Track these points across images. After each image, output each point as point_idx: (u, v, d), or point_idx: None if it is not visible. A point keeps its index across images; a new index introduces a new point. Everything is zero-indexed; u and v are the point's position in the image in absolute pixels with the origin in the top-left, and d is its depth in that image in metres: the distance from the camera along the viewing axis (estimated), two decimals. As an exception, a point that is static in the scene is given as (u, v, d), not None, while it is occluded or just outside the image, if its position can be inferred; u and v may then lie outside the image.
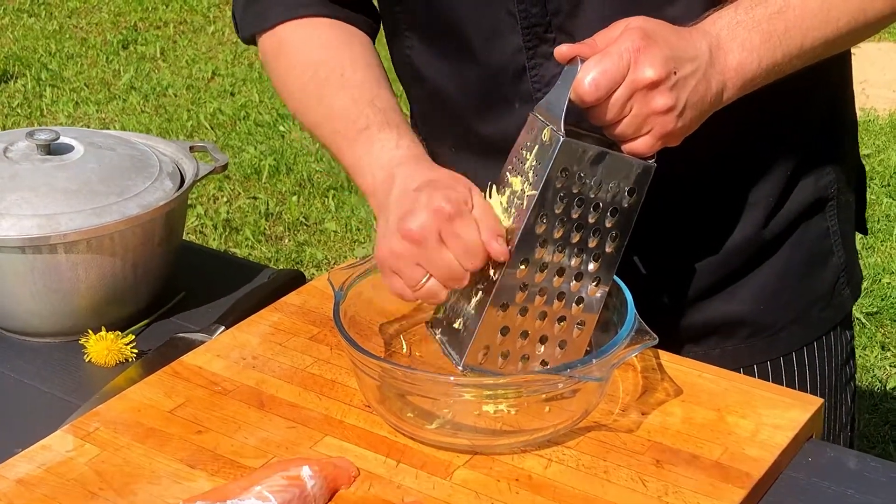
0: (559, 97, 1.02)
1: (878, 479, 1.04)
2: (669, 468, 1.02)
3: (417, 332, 1.21)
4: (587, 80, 0.99)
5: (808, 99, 1.24)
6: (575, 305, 1.06)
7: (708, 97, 1.04)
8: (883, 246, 3.52)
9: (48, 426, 1.12)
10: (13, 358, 1.32)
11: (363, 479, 1.02)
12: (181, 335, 1.31)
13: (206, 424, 1.10)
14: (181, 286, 1.43)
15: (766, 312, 1.29)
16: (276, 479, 0.98)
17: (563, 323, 1.07)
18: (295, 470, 0.99)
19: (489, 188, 1.07)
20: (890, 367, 3.00)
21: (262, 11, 1.27)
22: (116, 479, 1.03)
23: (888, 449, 2.72)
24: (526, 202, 1.02)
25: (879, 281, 3.34)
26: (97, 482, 1.03)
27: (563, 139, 1.00)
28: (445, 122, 1.29)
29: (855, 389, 1.41)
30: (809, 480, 1.04)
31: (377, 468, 1.04)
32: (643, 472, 1.02)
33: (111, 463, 1.05)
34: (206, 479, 1.03)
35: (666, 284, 1.27)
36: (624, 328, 1.04)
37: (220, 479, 1.03)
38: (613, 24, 1.03)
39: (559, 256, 1.04)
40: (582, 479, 1.01)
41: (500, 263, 1.03)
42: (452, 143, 1.30)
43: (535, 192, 1.01)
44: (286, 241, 3.79)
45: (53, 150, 1.36)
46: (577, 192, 1.02)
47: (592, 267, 1.05)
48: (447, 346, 1.10)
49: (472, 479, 1.02)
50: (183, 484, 1.02)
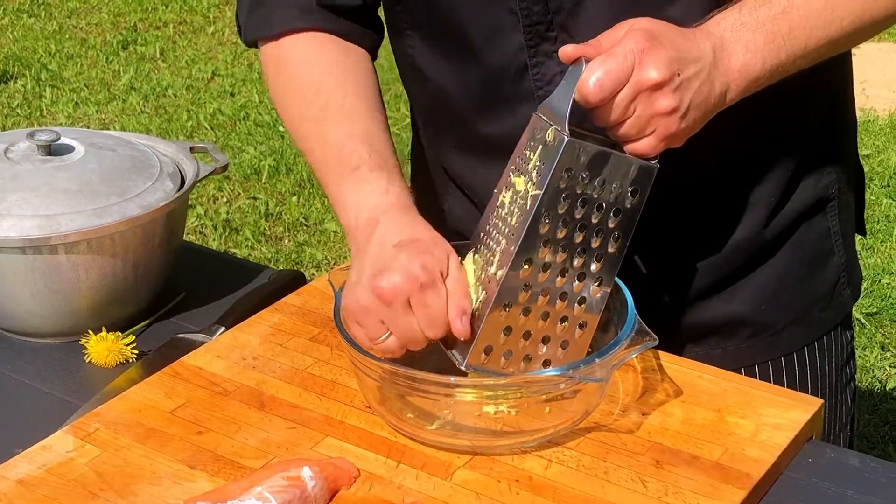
0: (563, 97, 1.01)
1: (878, 479, 1.04)
2: (669, 469, 1.02)
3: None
4: (591, 80, 0.99)
5: (809, 99, 1.24)
6: (577, 306, 1.06)
7: (711, 98, 1.04)
8: (883, 246, 3.52)
9: (49, 427, 1.12)
10: (13, 358, 1.32)
11: (363, 479, 1.02)
12: (181, 336, 1.31)
13: (206, 425, 1.10)
14: (181, 287, 1.43)
15: (766, 312, 1.29)
16: (276, 479, 0.98)
17: (565, 323, 1.06)
18: (295, 471, 0.99)
19: (470, 251, 1.09)
20: (890, 367, 3.00)
21: (266, 16, 1.26)
22: (117, 479, 1.03)
23: (888, 449, 2.71)
24: (530, 202, 1.02)
25: (879, 281, 3.34)
26: (98, 483, 1.03)
27: (567, 140, 0.99)
28: (447, 121, 1.29)
29: (855, 390, 1.41)
30: (809, 481, 1.04)
31: (377, 469, 1.04)
32: (643, 472, 1.02)
33: (112, 463, 1.05)
34: (206, 479, 1.03)
35: (667, 284, 1.27)
36: (624, 329, 1.05)
37: (220, 479, 1.03)
38: (618, 24, 1.03)
39: (562, 256, 1.04)
40: (582, 479, 1.01)
41: (503, 264, 1.03)
42: (454, 142, 1.30)
43: (539, 191, 1.01)
44: (286, 241, 3.79)
45: (54, 150, 1.36)
46: (580, 192, 1.02)
47: (595, 267, 1.05)
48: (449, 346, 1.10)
49: (472, 479, 1.02)
50: (183, 484, 1.02)
